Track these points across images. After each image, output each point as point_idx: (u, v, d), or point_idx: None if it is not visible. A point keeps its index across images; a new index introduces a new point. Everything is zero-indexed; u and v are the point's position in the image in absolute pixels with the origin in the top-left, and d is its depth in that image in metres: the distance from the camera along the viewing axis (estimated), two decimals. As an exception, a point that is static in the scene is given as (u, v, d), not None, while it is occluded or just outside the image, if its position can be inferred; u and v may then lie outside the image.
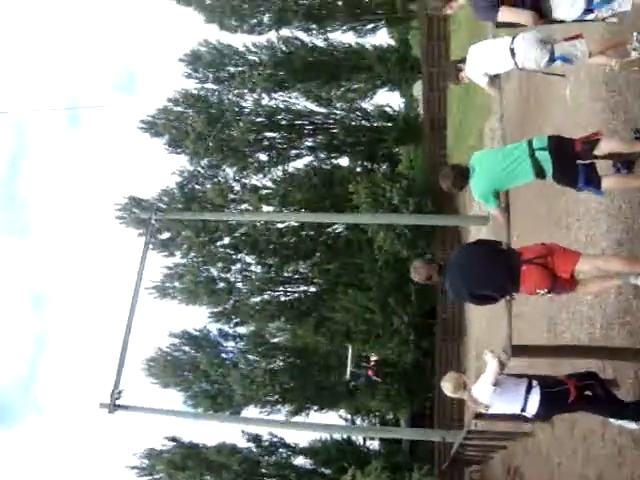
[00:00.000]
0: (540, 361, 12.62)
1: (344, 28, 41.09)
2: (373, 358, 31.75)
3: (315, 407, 35.05)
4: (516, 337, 6.72)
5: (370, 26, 41.86)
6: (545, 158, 6.51)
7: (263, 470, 32.93)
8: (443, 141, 32.60)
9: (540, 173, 6.60)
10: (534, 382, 7.21)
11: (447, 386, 7.54)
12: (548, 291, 6.59)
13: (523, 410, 7.22)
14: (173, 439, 33.03)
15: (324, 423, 26.40)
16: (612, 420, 7.68)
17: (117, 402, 22.77)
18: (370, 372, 29.41)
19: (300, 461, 33.65)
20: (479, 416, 13.71)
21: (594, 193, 6.81)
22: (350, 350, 33.21)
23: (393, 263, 33.70)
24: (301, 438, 34.16)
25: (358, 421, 37.86)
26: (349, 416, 37.46)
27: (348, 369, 33.02)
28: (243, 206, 36.62)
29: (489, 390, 7.21)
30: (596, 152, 6.64)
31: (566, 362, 10.18)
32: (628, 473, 7.87)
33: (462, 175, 7.01)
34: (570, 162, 6.56)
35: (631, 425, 7.39)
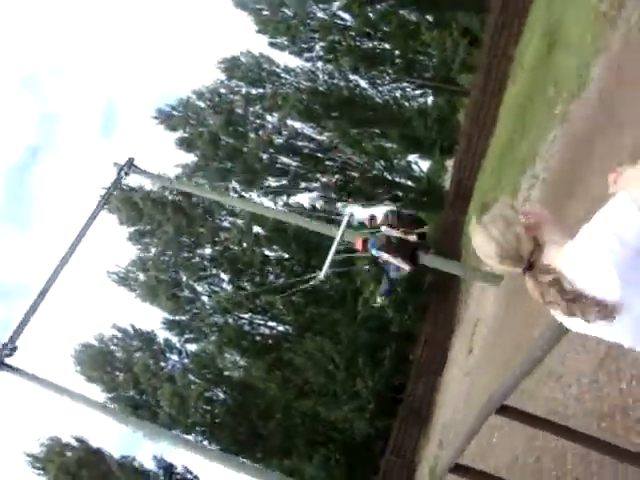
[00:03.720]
0: None
1: (393, 85, 37.26)
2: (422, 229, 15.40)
3: (243, 455, 29.25)
4: None
5: (418, 92, 38.03)
6: None
7: (164, 504, 27.12)
8: (465, 208, 28.01)
9: None
10: None
11: (489, 232, 2.33)
12: None
13: None
14: (80, 440, 27.39)
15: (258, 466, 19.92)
16: None
17: (5, 360, 17.58)
18: (359, 245, 14.36)
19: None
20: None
21: None
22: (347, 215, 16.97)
23: (374, 322, 28.73)
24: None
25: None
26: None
27: (328, 260, 16.44)
28: (233, 219, 32.01)
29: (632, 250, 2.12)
30: None
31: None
32: None
33: None
34: None
35: None
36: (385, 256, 13.78)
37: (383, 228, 14.25)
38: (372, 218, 14.81)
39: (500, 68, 25.83)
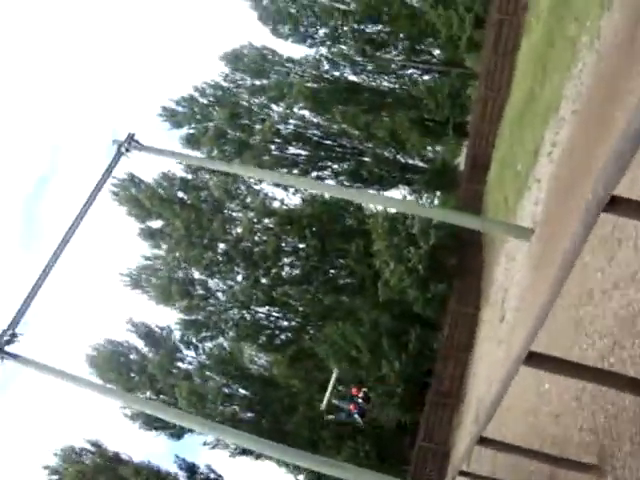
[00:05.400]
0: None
1: (400, 72, 35.48)
2: (363, 390, 24.11)
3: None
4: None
5: (426, 77, 36.16)
6: None
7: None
8: (483, 178, 26.26)
9: None
10: None
11: None
12: None
13: None
14: (95, 444, 25.79)
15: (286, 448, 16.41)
16: None
17: (6, 347, 16.06)
18: (353, 407, 22.78)
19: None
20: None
21: None
22: (335, 374, 25.81)
23: (396, 306, 26.95)
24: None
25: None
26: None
27: (326, 397, 25.49)
28: (240, 214, 30.36)
29: None
30: None
31: None
32: None
33: None
34: None
35: None
36: (358, 418, 24.17)
37: (360, 400, 23.46)
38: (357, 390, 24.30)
39: (511, 26, 24.21)
